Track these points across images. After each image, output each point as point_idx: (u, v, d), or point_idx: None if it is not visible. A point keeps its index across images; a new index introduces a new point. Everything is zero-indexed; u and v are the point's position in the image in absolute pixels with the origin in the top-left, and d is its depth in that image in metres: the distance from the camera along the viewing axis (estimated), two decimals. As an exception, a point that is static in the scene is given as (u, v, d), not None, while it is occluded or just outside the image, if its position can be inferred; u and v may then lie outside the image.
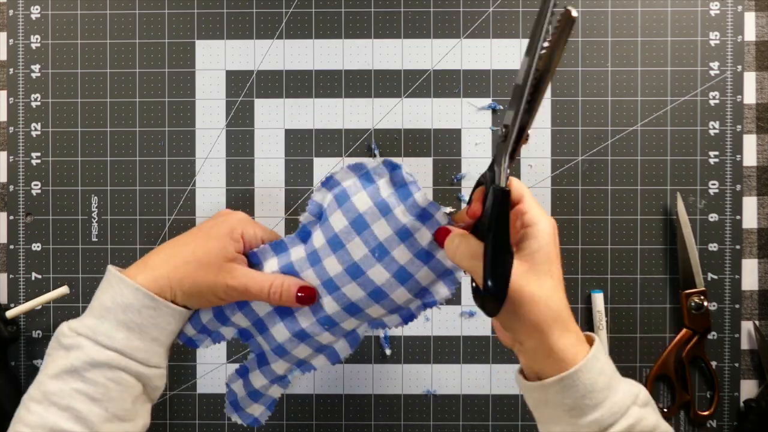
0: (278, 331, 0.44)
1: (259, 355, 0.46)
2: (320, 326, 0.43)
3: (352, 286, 0.42)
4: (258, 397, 0.47)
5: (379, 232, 0.42)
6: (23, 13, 0.60)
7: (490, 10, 0.59)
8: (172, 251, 0.43)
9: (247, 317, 0.45)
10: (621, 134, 0.59)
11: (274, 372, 0.46)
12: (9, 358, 0.60)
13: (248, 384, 0.47)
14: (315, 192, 0.44)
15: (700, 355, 0.58)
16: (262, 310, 0.44)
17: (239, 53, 0.60)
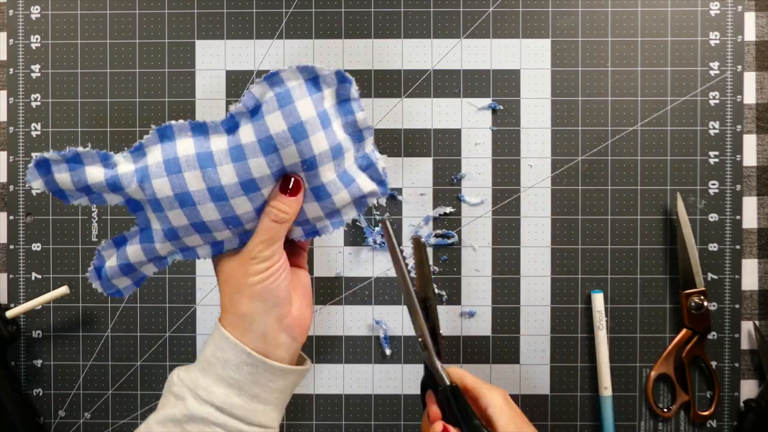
0: (177, 217, 0.42)
1: (145, 230, 0.43)
2: (224, 224, 0.42)
3: (270, 189, 0.41)
4: (129, 271, 0.44)
5: (315, 145, 0.40)
6: (23, 13, 0.60)
7: (490, 10, 0.59)
8: (226, 301, 0.42)
9: (144, 191, 0.42)
10: (621, 134, 0.59)
11: (155, 251, 0.43)
12: (9, 358, 0.60)
13: (123, 256, 0.44)
14: (254, 84, 0.41)
15: (700, 355, 0.58)
16: (163, 191, 0.41)
17: (239, 53, 0.60)
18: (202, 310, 0.60)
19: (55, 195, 0.42)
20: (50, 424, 0.60)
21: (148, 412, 0.59)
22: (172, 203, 0.41)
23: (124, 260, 0.43)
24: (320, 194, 0.42)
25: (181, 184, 0.40)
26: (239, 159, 0.40)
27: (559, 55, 0.59)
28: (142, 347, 0.60)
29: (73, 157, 0.41)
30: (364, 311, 0.59)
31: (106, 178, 0.41)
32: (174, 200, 0.41)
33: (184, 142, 0.41)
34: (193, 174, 0.40)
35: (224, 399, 0.40)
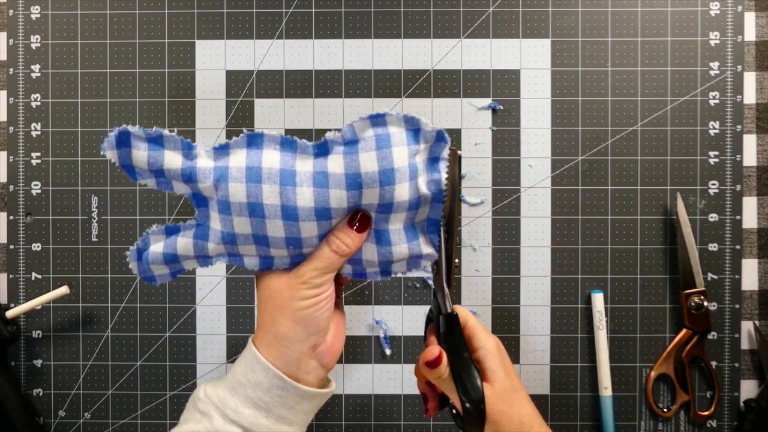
0: (241, 224, 0.41)
1: (202, 227, 0.43)
2: (285, 243, 0.42)
3: (338, 221, 0.41)
4: (172, 261, 0.44)
5: (398, 193, 0.41)
6: (23, 13, 0.60)
7: (490, 10, 0.59)
8: (262, 318, 0.42)
9: (217, 191, 0.41)
10: (621, 134, 0.59)
11: (205, 250, 0.43)
12: (9, 358, 0.60)
13: (171, 245, 0.43)
14: (357, 120, 0.41)
15: (700, 355, 0.58)
16: (237, 196, 0.41)
17: (239, 53, 0.60)
18: (202, 310, 0.60)
19: (124, 170, 0.41)
20: (50, 424, 0.60)
21: (148, 412, 0.59)
22: (241, 210, 0.41)
23: (171, 250, 0.43)
24: (382, 239, 0.42)
25: (257, 194, 0.40)
26: (321, 185, 0.40)
27: (559, 55, 0.59)
28: (142, 347, 0.60)
29: (157, 138, 0.40)
30: (364, 311, 0.59)
31: (182, 167, 0.41)
32: (245, 208, 0.41)
33: (270, 153, 0.41)
34: (271, 188, 0.40)
35: (252, 420, 0.40)
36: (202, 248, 0.42)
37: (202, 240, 0.42)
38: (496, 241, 0.59)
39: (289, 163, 0.41)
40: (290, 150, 0.42)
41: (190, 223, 0.43)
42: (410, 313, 0.59)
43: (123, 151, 0.40)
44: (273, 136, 0.41)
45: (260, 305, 0.43)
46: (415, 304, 0.59)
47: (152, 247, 0.43)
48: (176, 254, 0.43)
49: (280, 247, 0.41)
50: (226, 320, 0.60)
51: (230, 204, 0.41)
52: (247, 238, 0.41)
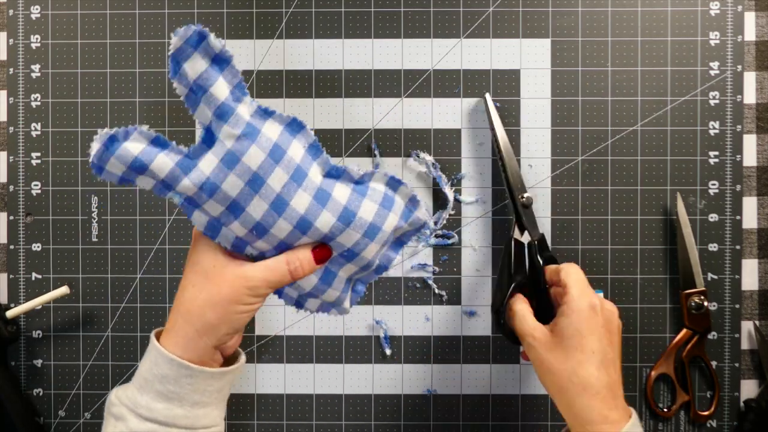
0: (232, 185, 0.41)
1: (190, 160, 0.42)
2: (253, 228, 0.41)
3: (307, 242, 0.43)
4: (136, 169, 0.41)
5: (368, 250, 0.44)
6: (23, 13, 0.60)
7: (490, 10, 0.59)
8: (189, 305, 0.42)
9: (237, 142, 0.41)
10: (621, 134, 0.59)
11: (176, 181, 0.41)
12: (9, 358, 0.60)
13: (148, 155, 0.40)
14: (381, 172, 0.44)
15: (700, 355, 0.58)
16: (251, 158, 0.41)
17: (239, 53, 0.60)
18: (202, 310, 0.60)
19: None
20: (50, 424, 0.60)
21: (148, 412, 0.59)
22: (243, 174, 0.40)
23: (146, 159, 0.39)
24: (326, 278, 0.45)
25: (267, 170, 0.40)
26: (318, 201, 0.42)
27: (559, 55, 0.59)
28: (142, 347, 0.60)
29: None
30: (364, 311, 0.59)
31: (226, 98, 0.40)
32: (248, 174, 0.40)
33: (297, 146, 0.42)
34: (281, 174, 0.41)
35: (166, 413, 0.40)
36: (174, 178, 0.40)
37: (181, 171, 0.40)
38: (496, 241, 0.59)
39: (307, 165, 0.42)
40: (313, 154, 0.43)
41: (180, 148, 0.41)
42: (410, 313, 0.59)
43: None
44: (308, 134, 0.43)
45: (187, 292, 0.41)
46: (415, 304, 0.59)
47: (128, 144, 0.40)
48: (147, 166, 0.40)
49: (245, 226, 0.41)
50: (226, 320, 0.60)
51: (239, 162, 0.40)
52: (225, 199, 0.41)
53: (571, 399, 0.42)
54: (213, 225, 0.42)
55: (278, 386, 0.60)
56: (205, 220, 0.42)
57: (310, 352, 0.59)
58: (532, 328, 0.46)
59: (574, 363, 0.43)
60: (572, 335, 0.43)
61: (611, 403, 0.42)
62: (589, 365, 0.42)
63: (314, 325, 0.59)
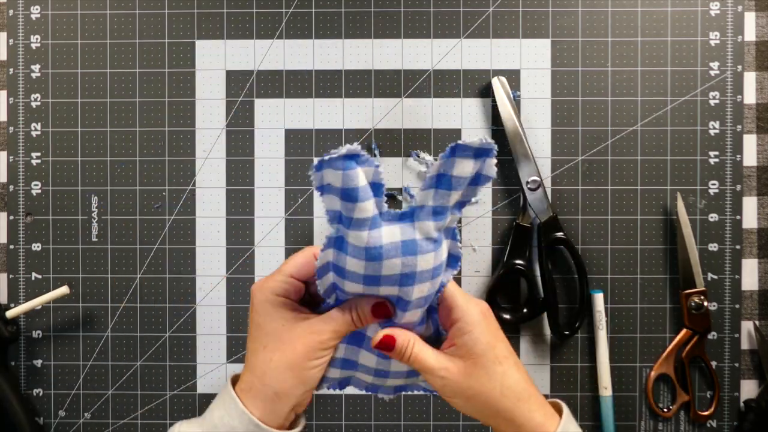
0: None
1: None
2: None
3: (386, 291, 0.41)
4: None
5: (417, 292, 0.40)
6: (23, 13, 0.60)
7: (490, 10, 0.59)
8: (264, 367, 0.41)
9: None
10: (621, 134, 0.59)
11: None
12: (9, 358, 0.60)
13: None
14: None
15: (700, 355, 0.58)
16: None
17: (239, 53, 0.60)
18: (202, 310, 0.60)
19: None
20: (50, 424, 0.60)
21: (148, 412, 0.59)
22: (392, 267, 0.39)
23: (360, 194, 0.38)
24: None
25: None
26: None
27: (559, 55, 0.59)
28: (142, 347, 0.60)
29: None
30: (364, 311, 0.59)
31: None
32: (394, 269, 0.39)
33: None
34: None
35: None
36: (359, 225, 0.39)
37: (369, 225, 0.39)
38: (496, 241, 0.59)
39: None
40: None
41: (383, 204, 0.39)
42: (410, 313, 0.59)
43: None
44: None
45: (260, 354, 0.41)
46: (415, 304, 0.59)
47: (360, 171, 0.38)
48: (356, 201, 0.38)
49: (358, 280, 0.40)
50: (226, 320, 0.60)
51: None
52: (374, 270, 0.39)
53: (510, 414, 0.40)
54: (327, 268, 0.41)
55: (278, 386, 0.60)
56: (329, 263, 0.40)
57: (310, 352, 0.59)
58: (436, 361, 0.41)
59: (499, 377, 0.40)
60: (483, 350, 0.40)
61: (542, 399, 0.41)
62: (512, 372, 0.40)
63: (314, 325, 0.59)
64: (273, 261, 0.59)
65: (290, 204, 0.60)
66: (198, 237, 0.60)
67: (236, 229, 0.60)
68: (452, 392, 0.41)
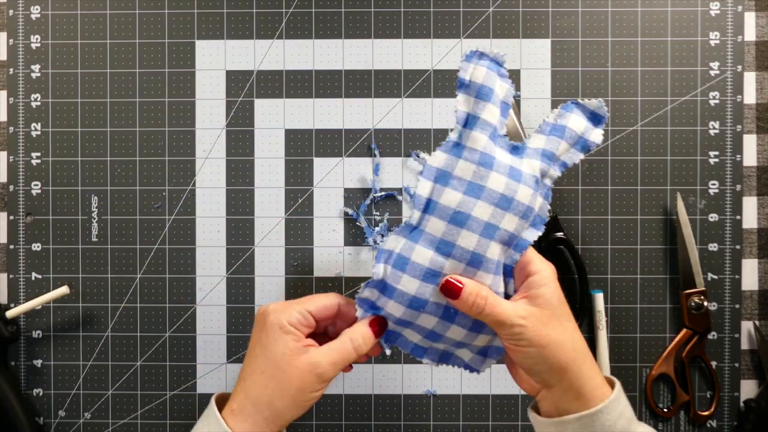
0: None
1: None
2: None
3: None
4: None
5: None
6: (23, 13, 0.60)
7: (490, 10, 0.59)
8: (259, 392, 0.42)
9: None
10: (621, 134, 0.59)
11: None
12: (9, 358, 0.60)
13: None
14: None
15: (700, 355, 0.58)
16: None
17: (239, 53, 0.60)
18: (202, 310, 0.60)
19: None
20: (50, 424, 0.60)
21: (148, 412, 0.59)
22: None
23: (490, 95, 0.42)
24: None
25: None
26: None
27: (559, 55, 0.59)
28: (142, 347, 0.60)
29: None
30: (364, 311, 0.59)
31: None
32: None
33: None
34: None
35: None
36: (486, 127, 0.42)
37: (491, 136, 0.42)
38: (496, 241, 0.59)
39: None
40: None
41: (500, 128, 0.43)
42: (410, 313, 0.59)
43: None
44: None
45: (256, 378, 0.42)
46: (415, 304, 0.59)
47: (499, 83, 0.43)
48: (489, 99, 0.42)
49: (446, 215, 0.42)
50: (226, 320, 0.60)
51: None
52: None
53: (577, 369, 0.40)
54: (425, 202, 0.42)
55: (278, 386, 0.60)
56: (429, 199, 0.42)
57: (310, 352, 0.59)
58: (514, 310, 0.41)
59: (571, 331, 0.41)
60: (558, 303, 0.41)
61: (597, 368, 0.42)
62: (578, 332, 0.42)
63: (314, 325, 0.59)
64: (273, 261, 0.60)
65: (290, 204, 0.60)
66: (198, 237, 0.60)
67: (236, 229, 0.60)
68: (528, 341, 0.40)
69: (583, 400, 0.40)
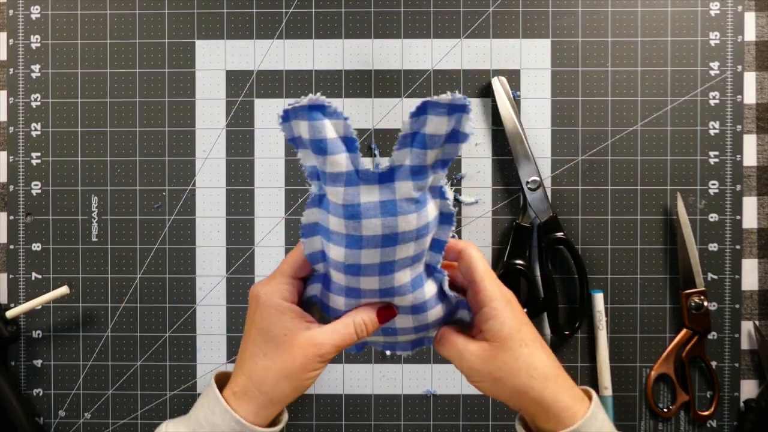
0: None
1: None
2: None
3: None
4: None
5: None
6: (23, 13, 0.60)
7: (490, 10, 0.59)
8: (263, 375, 0.42)
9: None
10: (621, 134, 0.59)
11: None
12: (9, 358, 0.60)
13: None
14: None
15: (700, 355, 0.58)
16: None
17: (239, 53, 0.60)
18: (202, 310, 0.60)
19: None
20: (50, 424, 0.60)
21: (148, 412, 0.59)
22: (385, 227, 0.38)
23: (330, 147, 0.37)
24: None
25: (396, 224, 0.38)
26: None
27: (559, 55, 0.59)
28: (142, 347, 0.60)
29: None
30: (364, 311, 0.59)
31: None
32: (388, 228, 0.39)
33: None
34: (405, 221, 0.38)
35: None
36: (334, 179, 0.38)
37: (345, 181, 0.38)
38: (496, 241, 0.59)
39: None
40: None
41: (359, 160, 0.38)
42: (410, 313, 0.59)
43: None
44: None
45: (259, 360, 0.42)
46: (415, 304, 0.59)
47: (328, 123, 0.37)
48: (326, 154, 0.38)
49: (343, 257, 0.40)
50: (226, 320, 0.60)
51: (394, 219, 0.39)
52: (354, 228, 0.39)
53: (538, 394, 0.40)
54: (314, 229, 0.40)
55: (278, 386, 0.60)
56: (316, 223, 0.40)
57: (310, 352, 0.59)
58: (462, 344, 0.41)
59: (526, 358, 0.40)
60: (509, 333, 0.40)
61: (571, 382, 0.41)
62: (538, 354, 0.40)
63: (314, 325, 0.59)
64: (273, 261, 0.59)
65: (290, 204, 0.60)
66: (198, 237, 0.60)
67: (236, 229, 0.60)
68: (479, 375, 0.41)
69: (554, 420, 0.40)
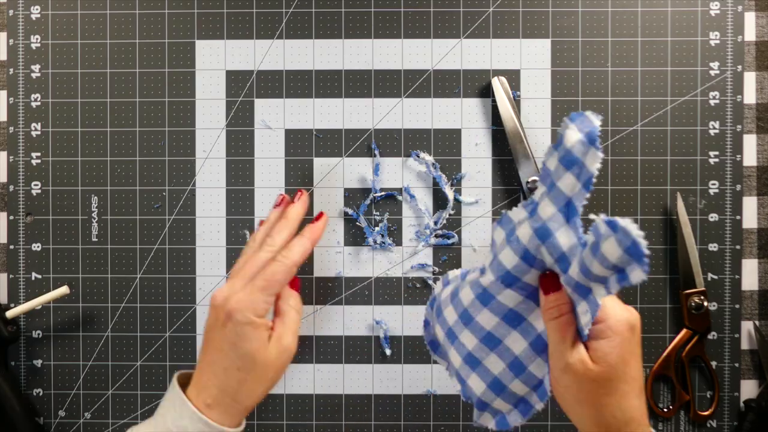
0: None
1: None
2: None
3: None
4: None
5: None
6: (23, 13, 0.60)
7: (490, 10, 0.59)
8: (238, 387, 0.43)
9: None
10: (621, 134, 0.59)
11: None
12: (9, 358, 0.60)
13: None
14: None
15: (700, 355, 0.58)
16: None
17: (239, 53, 0.60)
18: (202, 310, 0.60)
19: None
20: (50, 424, 0.60)
21: (148, 412, 0.59)
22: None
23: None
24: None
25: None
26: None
27: (559, 55, 0.59)
28: (142, 347, 0.60)
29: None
30: (364, 311, 0.59)
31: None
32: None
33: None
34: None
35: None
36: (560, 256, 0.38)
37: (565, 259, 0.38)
38: (496, 241, 0.59)
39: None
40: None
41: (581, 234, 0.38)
42: (410, 313, 0.59)
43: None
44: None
45: (232, 374, 0.43)
46: (415, 304, 0.59)
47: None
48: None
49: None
50: (226, 320, 0.60)
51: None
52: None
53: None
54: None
55: (278, 387, 0.60)
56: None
57: (310, 352, 0.60)
58: (573, 346, 0.38)
59: (619, 395, 0.37)
60: (616, 362, 0.37)
61: (649, 430, 0.39)
62: (632, 396, 0.38)
63: (314, 326, 0.59)
64: (273, 261, 0.59)
65: (290, 204, 0.60)
66: (198, 237, 0.60)
67: (236, 229, 0.60)
68: (574, 389, 0.38)
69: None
